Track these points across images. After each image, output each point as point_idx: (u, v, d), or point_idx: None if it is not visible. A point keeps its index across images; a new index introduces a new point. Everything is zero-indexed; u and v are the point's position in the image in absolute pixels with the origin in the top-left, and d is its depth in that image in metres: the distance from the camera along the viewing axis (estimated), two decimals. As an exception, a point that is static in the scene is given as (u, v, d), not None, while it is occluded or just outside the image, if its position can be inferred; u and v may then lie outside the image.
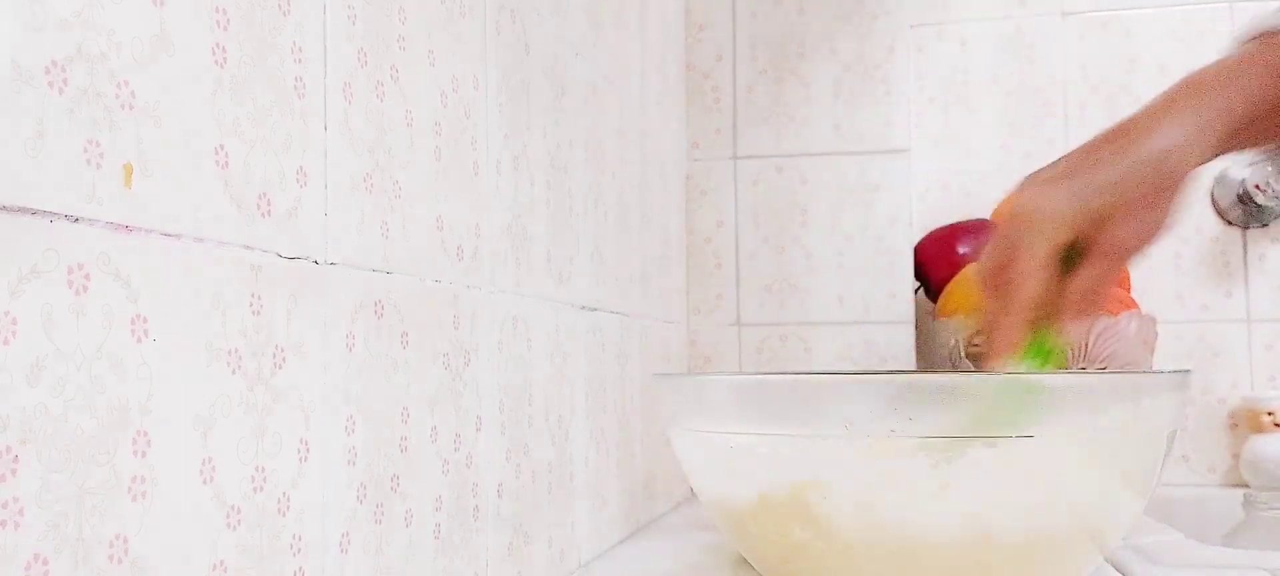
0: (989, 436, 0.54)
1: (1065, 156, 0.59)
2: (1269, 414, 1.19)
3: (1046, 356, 0.59)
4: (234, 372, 0.38)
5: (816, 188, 1.26)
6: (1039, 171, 0.59)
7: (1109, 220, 0.56)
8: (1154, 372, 0.72)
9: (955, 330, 0.96)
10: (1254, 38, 0.62)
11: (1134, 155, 0.56)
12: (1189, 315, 1.25)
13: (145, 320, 0.33)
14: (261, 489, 0.39)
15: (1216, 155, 0.59)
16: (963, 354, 0.97)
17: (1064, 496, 0.57)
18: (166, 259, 0.34)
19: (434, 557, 0.53)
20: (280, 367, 0.41)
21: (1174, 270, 1.25)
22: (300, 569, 0.42)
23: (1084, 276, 0.57)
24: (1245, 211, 1.23)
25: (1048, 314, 0.58)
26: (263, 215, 0.40)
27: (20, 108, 0.29)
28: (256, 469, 0.39)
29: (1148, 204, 0.56)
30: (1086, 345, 0.95)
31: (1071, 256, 0.58)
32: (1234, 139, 0.59)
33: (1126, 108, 1.35)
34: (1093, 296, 0.57)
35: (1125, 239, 0.56)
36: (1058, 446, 0.55)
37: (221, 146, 0.38)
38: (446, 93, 0.56)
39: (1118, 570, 0.71)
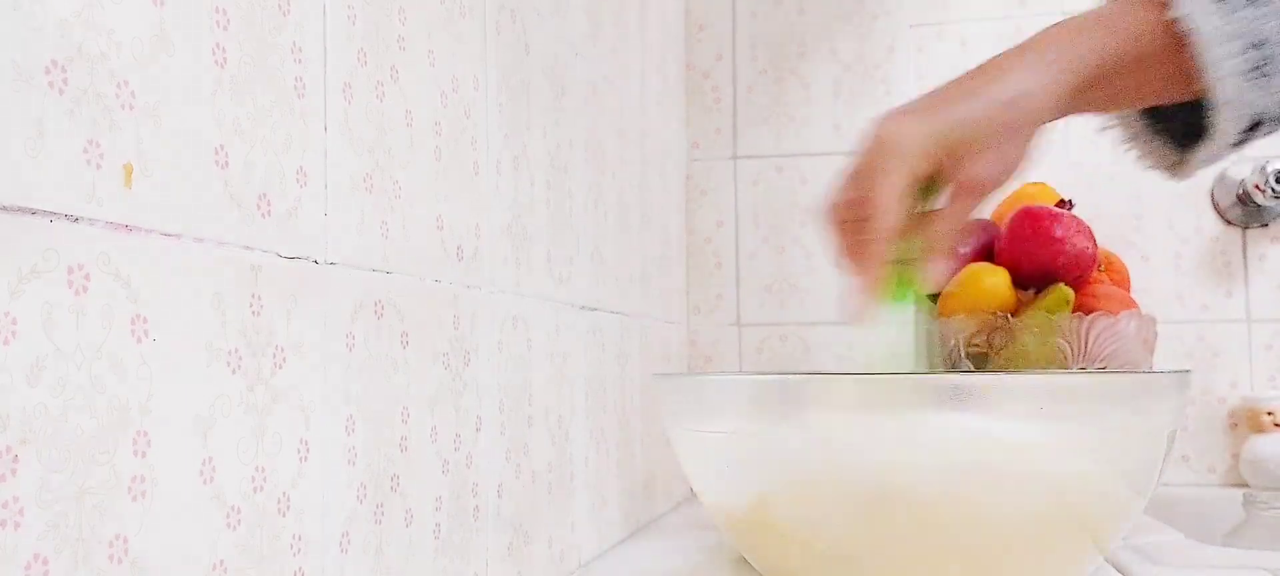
0: (991, 435, 0.54)
1: (924, 94, 0.60)
2: (1269, 414, 1.19)
3: (907, 292, 0.59)
4: (234, 372, 0.38)
5: (816, 188, 1.26)
6: (897, 107, 0.59)
7: (964, 155, 0.57)
8: (1154, 372, 0.72)
9: (955, 330, 0.96)
10: None
11: (987, 95, 0.57)
12: (1189, 315, 1.25)
13: (145, 320, 0.33)
14: (261, 489, 0.39)
15: (1069, 110, 0.60)
16: (963, 354, 0.97)
17: (1064, 496, 0.57)
18: (166, 259, 0.34)
19: (434, 557, 0.53)
20: (280, 367, 0.41)
21: (1174, 270, 1.25)
22: (300, 569, 0.42)
23: (945, 213, 0.58)
24: (1245, 211, 1.23)
25: (909, 252, 0.58)
26: (263, 215, 0.40)
27: (20, 108, 0.29)
28: (256, 469, 0.39)
29: (1000, 143, 0.57)
30: (1086, 345, 0.95)
31: (928, 195, 0.59)
32: (1084, 95, 0.60)
33: (1126, 108, 1.33)
34: (952, 233, 0.58)
35: (981, 174, 0.57)
36: (1058, 446, 0.55)
37: (221, 146, 0.38)
38: (446, 93, 0.56)
39: (1118, 570, 0.71)
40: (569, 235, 0.77)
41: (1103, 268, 1.03)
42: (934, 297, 0.59)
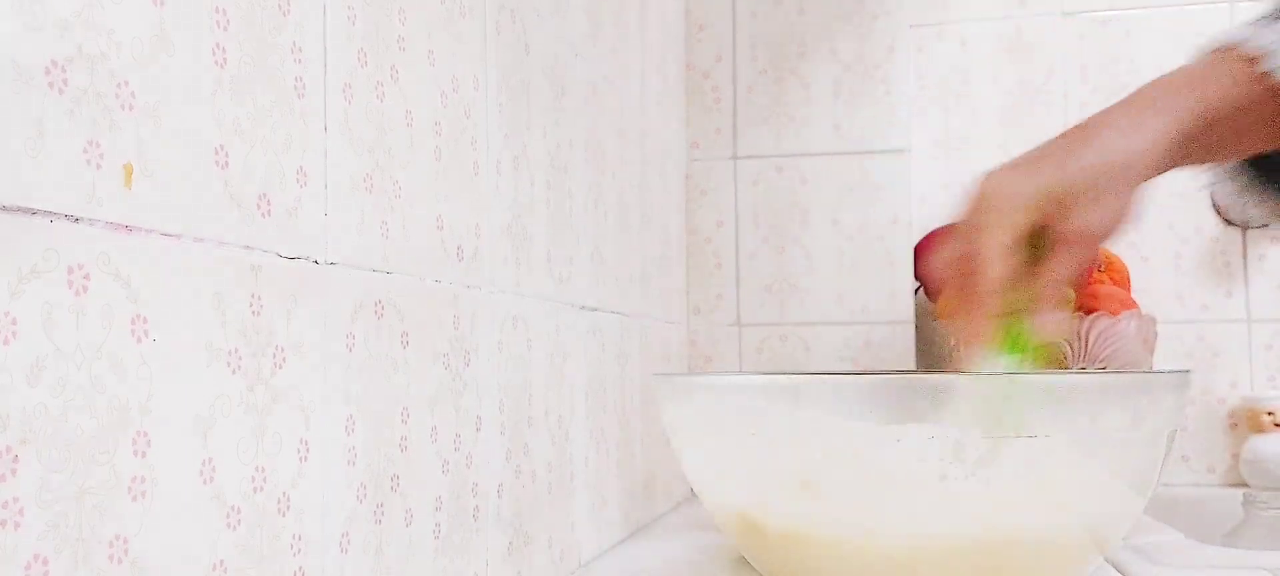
0: (990, 436, 0.54)
1: (1027, 151, 0.60)
2: (1269, 414, 1.19)
3: (1021, 348, 0.58)
4: (234, 372, 0.38)
5: (816, 188, 1.26)
6: (1002, 163, 0.60)
7: (1070, 206, 0.57)
8: (1154, 372, 0.72)
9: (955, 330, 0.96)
10: (1213, 51, 0.63)
11: (1088, 152, 0.58)
12: (1189, 315, 1.25)
13: (145, 320, 0.33)
14: (261, 489, 0.39)
15: (1171, 165, 0.61)
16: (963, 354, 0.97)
17: (1064, 496, 0.57)
18: (166, 259, 0.34)
19: (434, 557, 0.53)
20: (280, 368, 0.41)
21: (1174, 270, 1.25)
22: (300, 569, 0.42)
23: (1052, 265, 0.58)
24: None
25: (1018, 305, 0.58)
26: (263, 215, 0.40)
27: (20, 108, 0.29)
28: (256, 469, 0.39)
29: (1105, 194, 0.57)
30: (1086, 345, 0.95)
31: (1037, 250, 0.59)
32: (1183, 149, 0.61)
33: (1126, 108, 1.33)
34: (1062, 285, 0.58)
35: (1087, 225, 0.57)
36: (1058, 446, 0.55)
37: (221, 146, 0.38)
38: (446, 93, 0.56)
39: (1118, 570, 0.71)
40: (569, 235, 0.77)
41: (1103, 268, 1.03)
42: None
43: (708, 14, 1.29)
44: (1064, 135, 0.60)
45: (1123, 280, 1.08)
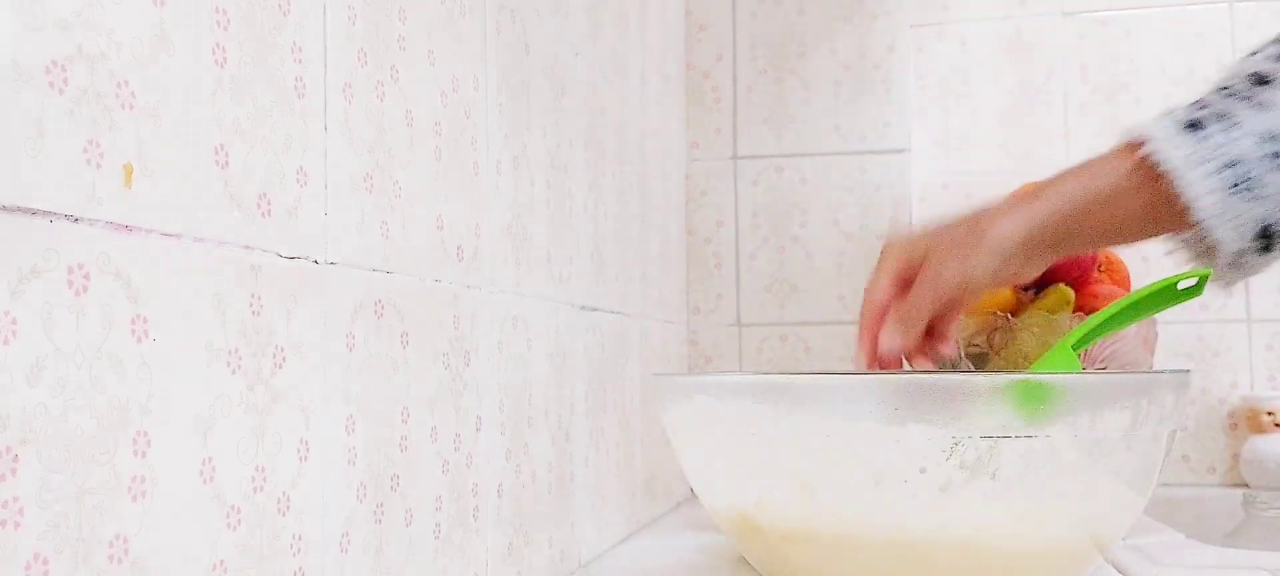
0: (990, 436, 0.54)
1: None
2: (1269, 414, 1.19)
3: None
4: (234, 372, 0.38)
5: (816, 188, 1.26)
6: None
7: (932, 256, 0.66)
8: (1154, 372, 0.72)
9: (955, 330, 0.95)
10: (1122, 145, 0.65)
11: (970, 224, 0.66)
12: (1189, 315, 1.25)
13: (145, 320, 0.33)
14: (261, 489, 0.39)
15: (1046, 247, 0.66)
16: (963, 354, 0.97)
17: (1064, 496, 0.57)
18: (166, 259, 0.34)
19: (434, 557, 0.53)
20: (280, 367, 0.41)
21: (1174, 270, 1.25)
22: (300, 569, 0.42)
23: (910, 297, 0.66)
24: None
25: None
26: (263, 215, 0.40)
27: (20, 108, 0.29)
28: (256, 469, 0.39)
29: (958, 251, 0.65)
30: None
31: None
32: (1063, 228, 0.66)
33: (1126, 108, 1.34)
34: (915, 317, 0.66)
35: (935, 272, 0.65)
36: (1058, 446, 0.55)
37: (221, 146, 0.38)
38: (446, 93, 0.56)
39: (1118, 570, 0.71)
40: (569, 235, 0.77)
41: (1103, 268, 1.03)
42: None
43: (708, 14, 1.29)
44: (968, 213, 0.68)
45: (1122, 280, 1.08)
